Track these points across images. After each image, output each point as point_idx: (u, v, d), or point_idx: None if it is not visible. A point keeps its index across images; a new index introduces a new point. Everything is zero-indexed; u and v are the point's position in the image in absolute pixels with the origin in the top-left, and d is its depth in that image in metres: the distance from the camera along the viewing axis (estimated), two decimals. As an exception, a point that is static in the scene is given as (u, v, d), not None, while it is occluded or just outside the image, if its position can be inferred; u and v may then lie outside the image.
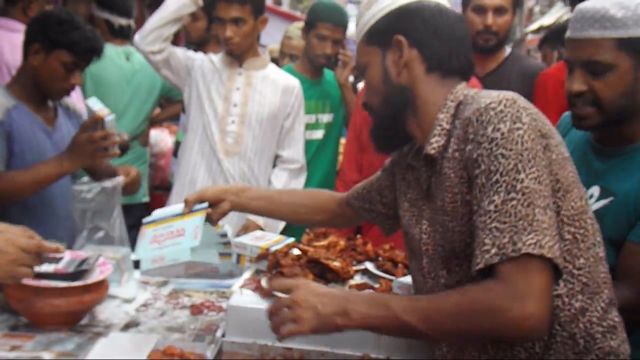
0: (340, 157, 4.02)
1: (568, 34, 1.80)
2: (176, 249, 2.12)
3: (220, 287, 2.36)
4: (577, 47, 1.76)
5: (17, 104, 2.53)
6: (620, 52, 1.69)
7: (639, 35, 1.67)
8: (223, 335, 1.96)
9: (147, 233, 2.20)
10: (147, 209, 4.16)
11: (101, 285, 1.96)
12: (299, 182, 3.26)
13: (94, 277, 1.91)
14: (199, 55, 3.25)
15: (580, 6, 1.76)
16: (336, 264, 2.08)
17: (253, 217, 3.09)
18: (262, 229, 2.98)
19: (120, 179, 2.52)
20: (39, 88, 2.58)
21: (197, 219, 2.16)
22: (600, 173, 1.85)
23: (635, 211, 1.73)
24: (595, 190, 1.81)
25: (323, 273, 2.09)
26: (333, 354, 1.88)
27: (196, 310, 2.12)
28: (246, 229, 3.00)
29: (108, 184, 2.47)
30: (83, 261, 1.94)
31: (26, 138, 2.53)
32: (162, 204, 4.00)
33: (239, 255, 2.34)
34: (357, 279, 2.26)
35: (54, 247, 1.72)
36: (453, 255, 1.49)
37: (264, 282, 2.05)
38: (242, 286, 2.10)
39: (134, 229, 2.55)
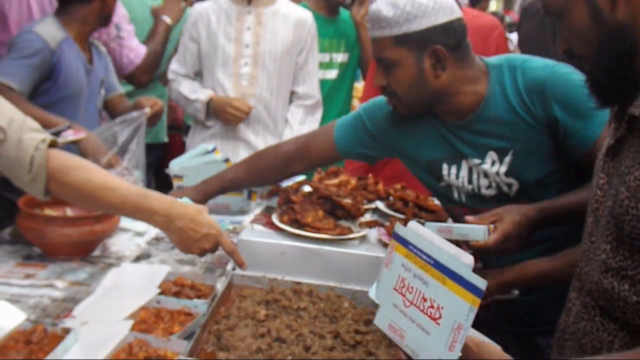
0: (354, 101, 3.99)
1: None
2: None
3: (231, 224, 2.37)
4: (372, 46, 1.81)
5: (67, 36, 2.51)
6: (399, 48, 1.73)
7: (411, 30, 1.70)
8: (233, 269, 1.97)
9: None
10: (165, 149, 4.18)
11: (112, 216, 1.97)
12: (315, 118, 3.22)
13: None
14: (199, 5, 3.17)
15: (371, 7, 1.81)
16: (347, 200, 2.07)
17: None
18: None
19: (146, 110, 2.55)
20: (101, 17, 2.61)
21: None
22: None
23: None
24: (491, 155, 1.78)
25: (334, 210, 2.08)
26: (341, 289, 1.90)
27: (207, 244, 2.13)
28: None
29: (135, 113, 2.51)
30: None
31: (70, 72, 2.51)
32: (178, 144, 4.02)
33: (250, 192, 2.34)
34: (368, 217, 2.26)
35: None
36: (621, 236, 1.20)
37: (274, 218, 2.05)
38: (253, 222, 2.11)
39: (152, 167, 2.58)
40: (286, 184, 2.30)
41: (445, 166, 1.86)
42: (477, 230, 1.53)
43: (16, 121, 1.51)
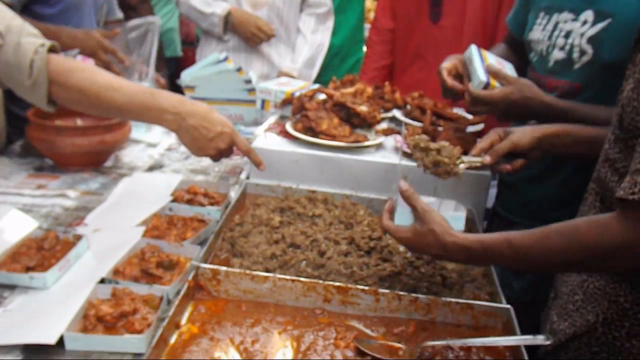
0: (368, 13, 3.84)
1: None
2: None
3: (245, 134, 2.31)
4: None
5: None
6: None
7: None
8: (247, 178, 1.94)
9: None
10: (178, 63, 4.12)
11: (123, 126, 1.93)
12: (327, 27, 3.12)
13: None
14: None
15: None
16: (363, 108, 2.00)
17: (287, 69, 3.01)
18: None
19: (158, 20, 2.53)
20: None
21: None
22: None
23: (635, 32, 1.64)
24: (588, 15, 1.69)
25: (349, 117, 2.02)
26: (357, 197, 1.86)
27: (220, 154, 2.10)
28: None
29: (150, 18, 2.47)
30: None
31: None
32: (191, 59, 3.94)
33: (263, 101, 2.28)
34: (384, 125, 2.19)
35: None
36: (620, 128, 1.22)
37: (288, 126, 2.00)
38: (267, 130, 2.06)
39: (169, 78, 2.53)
40: (299, 93, 2.23)
41: (542, 14, 1.82)
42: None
43: (14, 26, 1.45)
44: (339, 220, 1.70)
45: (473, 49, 1.82)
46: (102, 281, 1.29)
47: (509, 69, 1.79)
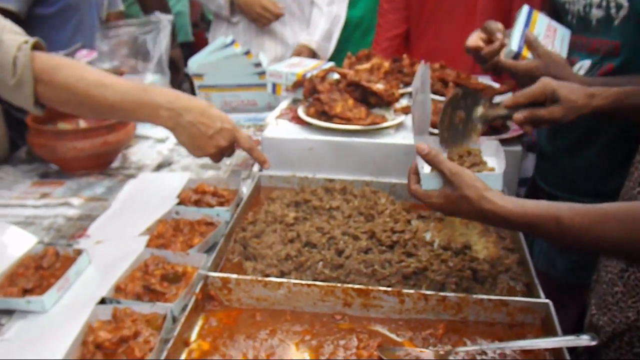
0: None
1: None
2: None
3: (258, 121, 2.21)
4: None
5: None
6: None
7: None
8: (260, 170, 1.83)
9: None
10: (191, 47, 4.01)
11: (127, 124, 1.83)
12: None
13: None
14: None
15: None
16: (379, 86, 1.86)
17: (305, 41, 2.86)
18: (315, 53, 2.80)
19: (171, 17, 2.42)
20: None
21: None
22: None
23: None
24: None
25: (365, 97, 1.88)
26: (378, 183, 1.74)
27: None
28: (299, 53, 2.79)
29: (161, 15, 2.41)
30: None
31: None
32: (204, 42, 3.83)
33: (274, 85, 2.15)
34: (404, 103, 2.05)
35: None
36: None
37: (300, 111, 1.87)
38: (278, 117, 1.94)
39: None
40: (311, 74, 2.10)
41: None
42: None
43: None
44: (359, 212, 1.58)
45: (524, 10, 1.67)
46: (103, 301, 1.20)
47: (560, 38, 1.64)
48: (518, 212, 1.06)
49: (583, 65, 1.63)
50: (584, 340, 1.09)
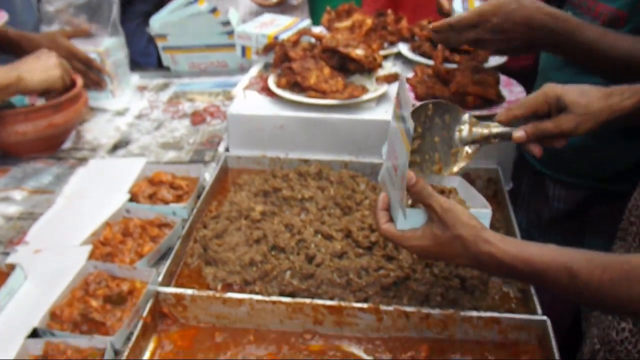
0: None
1: None
2: None
3: (228, 87, 2.00)
4: None
5: None
6: None
7: None
8: (226, 150, 1.65)
9: None
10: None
11: (75, 102, 1.62)
12: None
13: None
14: None
15: None
16: (358, 52, 1.65)
17: None
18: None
19: None
20: None
21: None
22: None
23: None
24: None
25: (343, 64, 1.68)
26: (358, 163, 1.56)
27: (197, 118, 1.80)
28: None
29: None
30: None
31: None
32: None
33: (243, 48, 1.93)
34: (388, 66, 1.84)
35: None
36: None
37: (271, 80, 1.67)
38: (247, 87, 1.73)
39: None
40: (284, 35, 1.87)
41: None
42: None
43: None
44: (335, 202, 1.40)
45: None
46: (35, 332, 1.04)
47: None
48: (521, 258, 0.87)
49: None
50: None
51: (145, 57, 2.60)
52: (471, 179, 1.55)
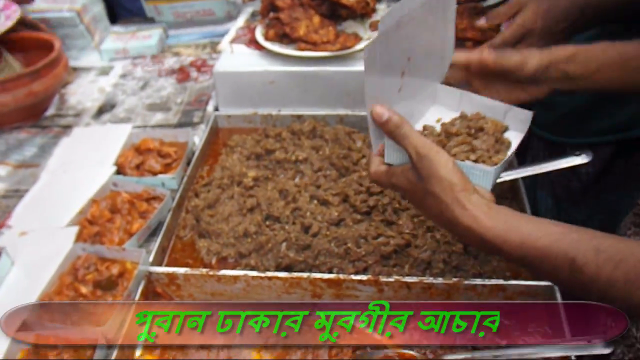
0: None
1: None
2: None
3: (216, 37, 1.90)
4: None
5: None
6: None
7: None
8: (216, 109, 1.57)
9: None
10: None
11: (55, 67, 1.54)
12: None
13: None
14: None
15: None
16: (349, -4, 1.55)
17: None
18: None
19: None
20: None
21: None
22: None
23: None
24: None
25: (334, 11, 1.57)
26: (354, 117, 1.49)
27: (183, 76, 1.71)
28: None
29: None
30: None
31: None
32: None
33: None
34: (383, 9, 1.74)
35: None
36: None
37: (258, 32, 1.58)
38: (234, 40, 1.64)
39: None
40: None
41: None
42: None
43: None
44: (330, 162, 1.34)
45: None
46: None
47: None
48: (511, 240, 0.73)
49: None
50: (597, 348, 0.91)
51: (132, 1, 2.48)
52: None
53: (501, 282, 1.05)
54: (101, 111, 1.60)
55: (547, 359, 0.93)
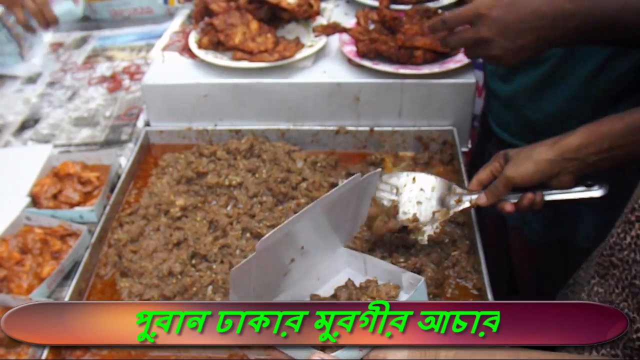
0: None
1: None
2: None
3: (154, 38, 1.77)
4: None
5: None
6: None
7: None
8: (146, 124, 1.45)
9: None
10: None
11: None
12: None
13: None
14: None
15: None
16: (290, 0, 1.43)
17: None
18: None
19: None
20: None
21: None
22: None
23: None
24: None
25: (274, 15, 1.45)
26: (297, 131, 1.38)
27: (114, 85, 1.59)
28: None
29: None
30: None
31: None
32: None
33: (165, -6, 1.69)
34: (329, 9, 1.62)
35: None
36: None
37: (192, 39, 1.45)
38: (166, 47, 1.51)
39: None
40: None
41: None
42: None
43: None
44: (267, 187, 1.24)
45: None
46: None
47: None
48: None
49: None
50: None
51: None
52: (424, 142, 1.38)
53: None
54: (24, 127, 1.47)
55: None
